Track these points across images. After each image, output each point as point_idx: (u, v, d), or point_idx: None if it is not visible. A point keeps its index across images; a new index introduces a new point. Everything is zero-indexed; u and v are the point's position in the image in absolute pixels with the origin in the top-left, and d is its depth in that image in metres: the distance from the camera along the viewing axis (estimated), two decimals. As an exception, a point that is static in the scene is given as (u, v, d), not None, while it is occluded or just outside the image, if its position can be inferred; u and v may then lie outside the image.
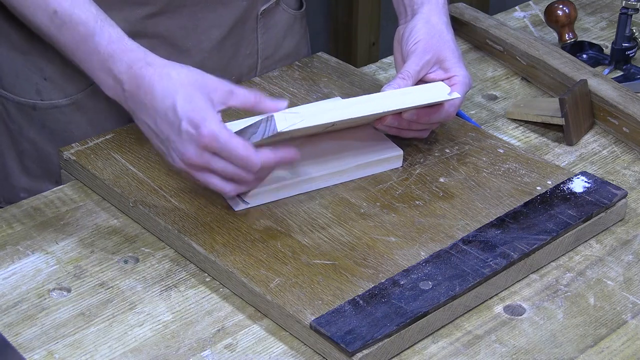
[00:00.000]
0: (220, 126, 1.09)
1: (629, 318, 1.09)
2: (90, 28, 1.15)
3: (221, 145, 1.09)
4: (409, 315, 1.03)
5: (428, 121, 1.24)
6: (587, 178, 1.24)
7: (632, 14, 1.53)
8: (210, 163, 1.11)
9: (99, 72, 1.16)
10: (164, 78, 1.12)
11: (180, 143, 1.10)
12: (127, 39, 1.16)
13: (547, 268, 1.16)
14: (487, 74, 1.56)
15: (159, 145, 1.15)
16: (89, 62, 1.16)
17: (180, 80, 1.11)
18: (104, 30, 1.15)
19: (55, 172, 1.38)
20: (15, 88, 1.37)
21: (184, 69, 1.13)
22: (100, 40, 1.15)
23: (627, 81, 1.51)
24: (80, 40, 1.16)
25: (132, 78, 1.13)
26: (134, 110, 1.15)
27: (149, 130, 1.14)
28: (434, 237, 1.16)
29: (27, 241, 1.18)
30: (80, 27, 1.15)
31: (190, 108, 1.10)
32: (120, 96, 1.15)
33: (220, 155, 1.10)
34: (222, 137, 1.09)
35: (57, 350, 1.04)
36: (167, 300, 1.10)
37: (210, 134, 1.09)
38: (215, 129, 1.09)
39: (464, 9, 1.65)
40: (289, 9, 1.49)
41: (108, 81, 1.15)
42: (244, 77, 1.46)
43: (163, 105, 1.11)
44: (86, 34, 1.15)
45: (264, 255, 1.12)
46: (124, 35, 1.16)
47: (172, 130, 1.11)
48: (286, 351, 1.04)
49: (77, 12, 1.15)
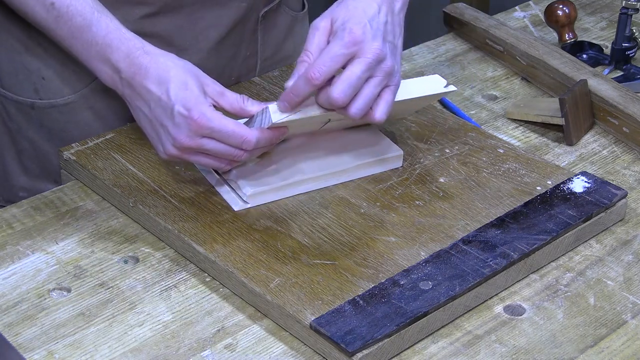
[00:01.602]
0: (212, 109, 1.12)
1: (629, 318, 1.09)
2: (87, 19, 1.17)
3: (214, 125, 1.11)
4: (409, 315, 1.03)
5: None
6: (587, 178, 1.24)
7: (632, 14, 1.53)
8: (203, 145, 1.13)
9: (97, 62, 1.18)
10: (160, 65, 1.14)
11: (173, 127, 1.12)
12: (125, 29, 1.17)
13: (547, 268, 1.16)
14: (487, 74, 1.56)
15: (152, 134, 1.17)
16: (87, 53, 1.18)
17: (176, 68, 1.14)
18: (101, 21, 1.17)
19: (54, 171, 1.38)
20: (14, 87, 1.37)
21: (180, 60, 1.16)
22: (97, 30, 1.16)
23: (627, 81, 1.51)
24: (77, 31, 1.17)
25: (129, 66, 1.15)
26: (130, 98, 1.17)
27: (144, 117, 1.16)
28: (434, 237, 1.16)
29: (27, 241, 1.18)
30: (77, 18, 1.17)
31: (183, 93, 1.12)
32: (117, 85, 1.17)
33: (213, 136, 1.12)
34: (214, 118, 1.11)
35: (57, 350, 1.04)
36: (167, 300, 1.10)
37: (202, 115, 1.11)
38: (207, 111, 1.11)
39: (464, 9, 1.65)
40: (290, 11, 1.49)
41: (106, 70, 1.17)
42: (243, 77, 1.46)
43: (158, 90, 1.13)
44: (83, 24, 1.17)
45: (264, 255, 1.12)
46: (121, 26, 1.18)
47: (165, 114, 1.13)
48: (286, 351, 1.04)
49: (74, 3, 1.17)
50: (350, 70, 1.10)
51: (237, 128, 1.12)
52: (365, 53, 1.10)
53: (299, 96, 1.12)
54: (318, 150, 1.25)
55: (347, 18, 1.12)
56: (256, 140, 1.13)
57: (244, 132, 1.13)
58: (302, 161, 1.23)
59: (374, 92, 1.12)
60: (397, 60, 1.14)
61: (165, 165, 1.25)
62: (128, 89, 1.16)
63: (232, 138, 1.12)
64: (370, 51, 1.10)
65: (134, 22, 1.31)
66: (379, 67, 1.11)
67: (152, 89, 1.14)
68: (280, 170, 1.22)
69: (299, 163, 1.23)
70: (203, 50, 1.38)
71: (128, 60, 1.15)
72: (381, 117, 1.13)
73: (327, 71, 1.10)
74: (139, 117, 1.17)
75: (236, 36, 1.41)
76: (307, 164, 1.23)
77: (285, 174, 1.22)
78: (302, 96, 1.12)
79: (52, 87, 1.36)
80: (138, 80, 1.15)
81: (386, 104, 1.13)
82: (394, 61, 1.13)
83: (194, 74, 1.15)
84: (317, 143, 1.26)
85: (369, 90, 1.11)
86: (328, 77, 1.10)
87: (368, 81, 1.11)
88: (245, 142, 1.13)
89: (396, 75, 1.13)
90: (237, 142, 1.13)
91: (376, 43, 1.10)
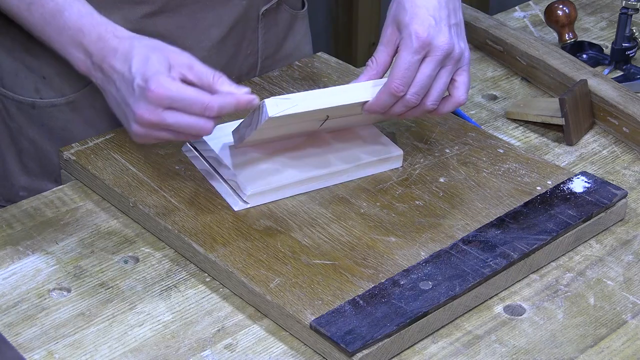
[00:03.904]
0: (171, 79, 1.10)
1: (629, 318, 1.09)
2: (59, 3, 1.17)
3: (172, 94, 1.09)
4: (409, 315, 1.03)
5: None
6: (587, 178, 1.24)
7: (632, 14, 1.53)
8: (165, 119, 1.10)
9: (69, 47, 1.18)
10: (126, 44, 1.14)
11: (134, 103, 1.11)
12: (97, 14, 1.17)
13: (547, 268, 1.16)
14: (487, 74, 1.56)
15: (122, 117, 1.16)
16: (59, 38, 1.18)
17: (140, 45, 1.13)
18: (74, 6, 1.17)
19: (54, 170, 1.38)
20: (14, 86, 1.37)
21: (148, 39, 1.15)
22: (70, 15, 1.17)
23: (627, 81, 1.51)
24: (49, 16, 1.18)
25: (100, 50, 1.15)
26: (102, 82, 1.16)
27: (113, 100, 1.15)
28: (434, 237, 1.16)
29: (27, 241, 1.18)
30: (49, 4, 1.17)
31: (143, 66, 1.11)
32: (90, 70, 1.17)
33: (174, 106, 1.10)
34: (171, 85, 1.09)
35: (57, 350, 1.04)
36: (167, 300, 1.10)
37: (159, 85, 1.09)
38: (164, 81, 1.09)
39: (464, 9, 1.64)
40: (290, 9, 1.49)
41: (78, 56, 1.17)
42: (243, 77, 1.46)
43: (122, 67, 1.13)
44: (55, 9, 1.17)
45: (264, 255, 1.12)
46: (94, 11, 1.18)
47: (128, 90, 1.12)
48: (286, 351, 1.05)
49: None
50: (422, 72, 1.15)
51: (197, 94, 1.10)
52: (435, 51, 1.15)
53: (386, 108, 1.17)
54: (318, 150, 1.25)
55: (410, 19, 1.16)
56: (218, 106, 1.10)
57: (205, 97, 1.10)
58: (302, 161, 1.23)
59: (445, 82, 1.17)
60: (463, 37, 1.20)
61: (165, 165, 1.25)
62: (99, 73, 1.16)
63: (194, 105, 1.09)
64: (439, 49, 1.15)
65: (135, 21, 1.31)
66: (449, 58, 1.16)
67: (117, 67, 1.13)
68: (280, 170, 1.22)
69: (299, 163, 1.23)
70: (204, 49, 1.38)
71: (99, 44, 1.15)
72: (464, 97, 1.19)
73: (407, 81, 1.15)
74: (110, 102, 1.16)
75: (237, 35, 1.41)
76: (307, 164, 1.23)
77: (285, 174, 1.22)
78: (388, 107, 1.17)
79: (53, 87, 1.36)
80: (107, 61, 1.14)
81: (464, 85, 1.19)
82: (460, 44, 1.18)
83: (158, 48, 1.13)
84: (317, 143, 1.26)
85: (441, 81, 1.17)
86: (409, 85, 1.15)
87: (439, 73, 1.16)
88: (207, 108, 1.10)
89: (465, 54, 1.19)
90: (200, 109, 1.10)
91: (443, 38, 1.15)
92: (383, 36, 1.20)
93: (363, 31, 3.04)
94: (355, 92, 1.18)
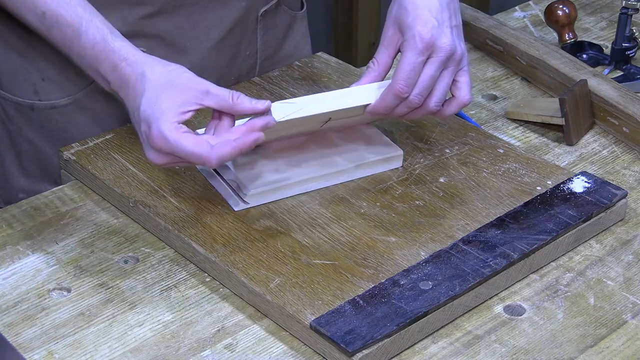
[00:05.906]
0: (172, 127, 1.08)
1: (629, 318, 1.09)
2: (76, 30, 1.17)
3: (171, 146, 1.08)
4: (409, 315, 1.03)
5: None
6: (587, 178, 1.24)
7: (632, 14, 1.53)
8: (170, 163, 1.11)
9: (90, 72, 1.18)
10: (138, 78, 1.12)
11: (143, 144, 1.12)
12: (111, 40, 1.15)
13: (547, 268, 1.16)
14: (487, 74, 1.56)
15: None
16: (81, 62, 1.19)
17: (152, 81, 1.11)
18: (89, 33, 1.16)
19: (53, 172, 1.38)
20: (13, 88, 1.37)
21: (160, 68, 1.12)
22: (85, 43, 1.16)
23: (627, 81, 1.51)
24: (69, 40, 1.18)
25: (116, 79, 1.15)
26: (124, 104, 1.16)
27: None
28: (434, 237, 1.16)
29: (27, 241, 1.18)
30: (67, 29, 1.17)
31: (150, 110, 1.09)
32: (113, 91, 1.17)
33: (175, 155, 1.10)
34: (170, 138, 1.07)
35: (57, 350, 1.04)
36: (167, 300, 1.10)
37: (158, 135, 1.08)
38: (163, 129, 1.08)
39: (464, 9, 1.65)
40: (289, 10, 1.49)
41: (100, 80, 1.18)
42: (243, 77, 1.46)
43: (133, 105, 1.12)
44: (73, 35, 1.17)
45: (264, 255, 1.12)
46: (108, 35, 1.16)
47: (138, 130, 1.12)
48: (286, 351, 1.04)
49: (63, 14, 1.17)
50: (425, 73, 1.15)
51: (195, 149, 1.08)
52: (438, 52, 1.16)
53: (390, 109, 1.18)
54: (318, 150, 1.25)
55: (413, 21, 1.16)
56: (217, 158, 1.08)
57: (204, 152, 1.08)
58: (302, 161, 1.23)
59: (448, 83, 1.18)
60: (462, 39, 1.20)
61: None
62: (120, 97, 1.16)
63: (192, 159, 1.09)
64: (442, 50, 1.15)
65: (134, 22, 1.31)
66: (451, 59, 1.17)
67: (130, 105, 1.13)
68: (280, 170, 1.22)
69: (299, 163, 1.23)
70: (203, 50, 1.38)
71: (114, 74, 1.14)
72: (468, 97, 1.20)
73: (412, 82, 1.15)
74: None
75: (236, 36, 1.41)
76: (307, 164, 1.23)
77: (285, 174, 1.22)
78: (392, 108, 1.18)
79: (52, 89, 1.36)
80: (123, 91, 1.14)
81: (467, 85, 1.20)
82: (461, 45, 1.18)
83: (170, 83, 1.11)
84: (318, 143, 1.26)
85: (444, 82, 1.18)
86: (413, 86, 1.15)
87: (442, 74, 1.17)
88: (206, 162, 1.09)
89: (464, 56, 1.19)
90: (198, 162, 1.10)
91: (445, 39, 1.16)
92: (384, 37, 1.20)
93: (363, 31, 3.05)
94: (359, 94, 1.18)
